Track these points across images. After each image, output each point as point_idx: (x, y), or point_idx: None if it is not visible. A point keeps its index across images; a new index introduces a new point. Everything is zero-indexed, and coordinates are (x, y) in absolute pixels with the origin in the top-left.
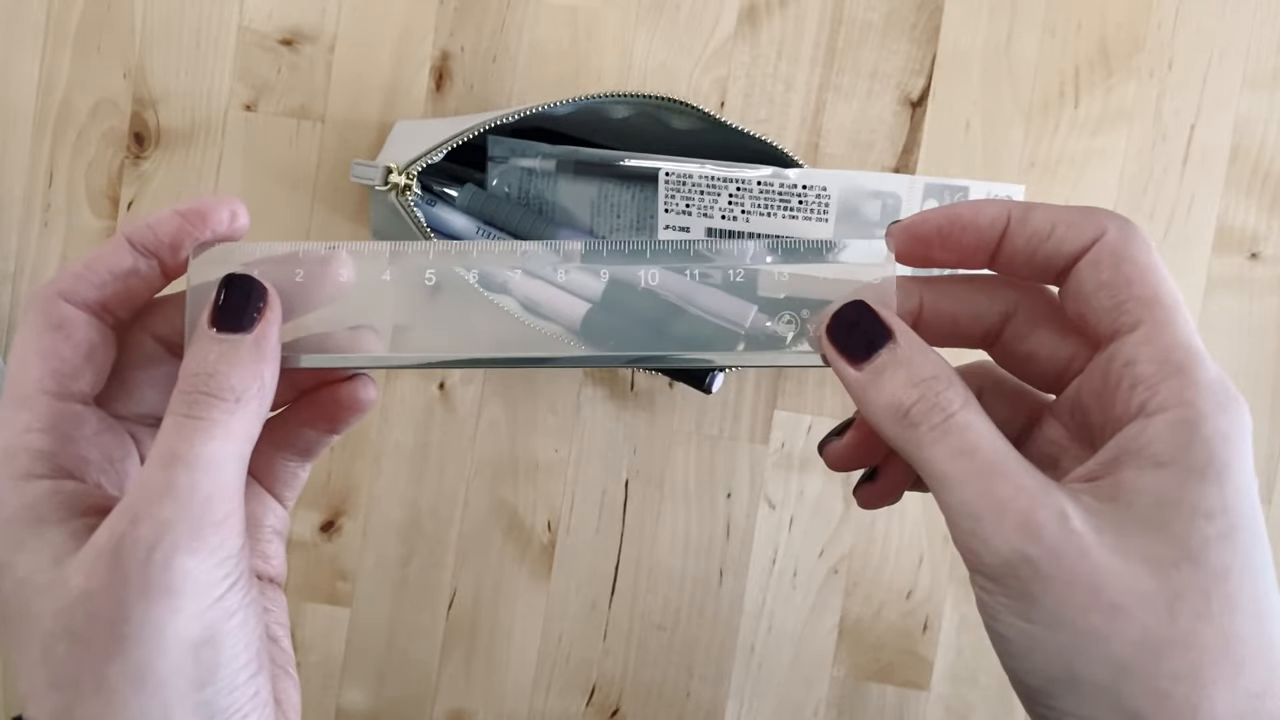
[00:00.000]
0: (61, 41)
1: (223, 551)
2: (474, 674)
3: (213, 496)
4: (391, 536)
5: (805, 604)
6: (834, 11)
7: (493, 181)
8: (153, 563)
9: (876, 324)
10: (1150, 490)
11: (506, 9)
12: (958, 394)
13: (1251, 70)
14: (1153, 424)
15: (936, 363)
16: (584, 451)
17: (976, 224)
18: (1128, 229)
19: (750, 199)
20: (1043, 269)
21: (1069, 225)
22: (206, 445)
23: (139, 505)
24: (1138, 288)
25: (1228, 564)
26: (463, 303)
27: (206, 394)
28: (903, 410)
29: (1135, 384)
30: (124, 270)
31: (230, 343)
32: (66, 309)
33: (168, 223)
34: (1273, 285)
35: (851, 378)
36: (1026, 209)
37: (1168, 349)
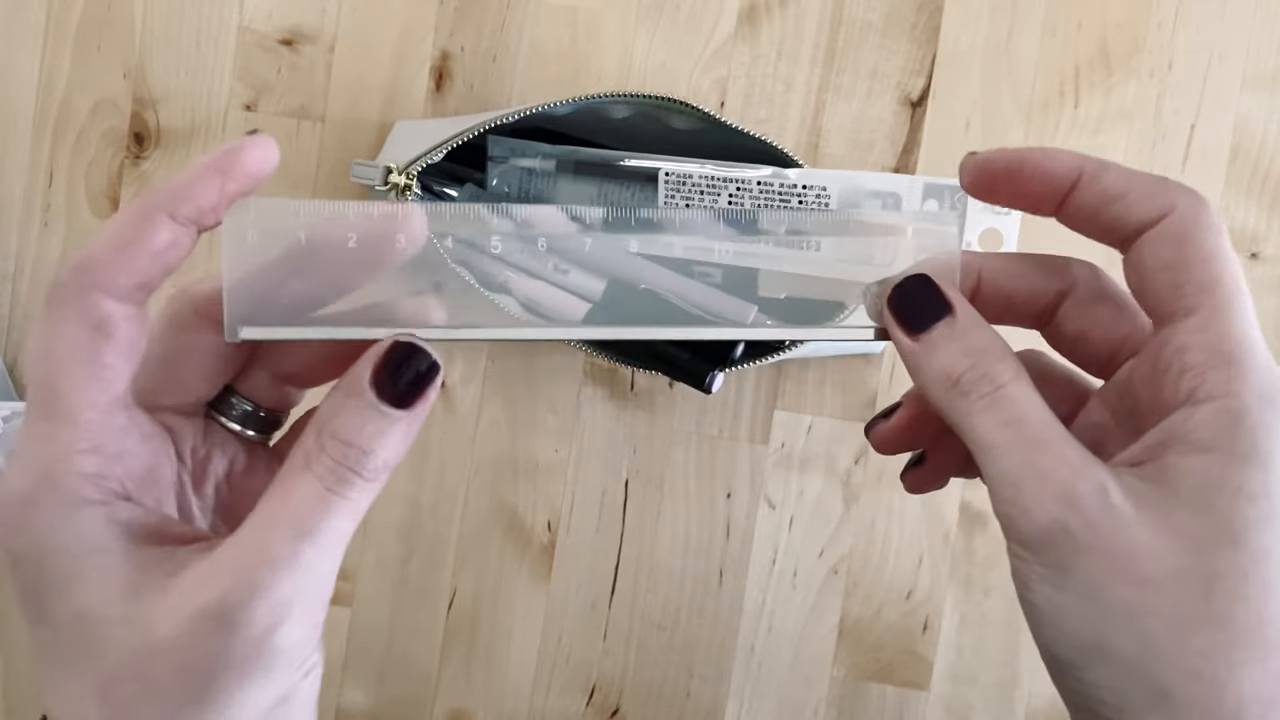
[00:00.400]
0: (61, 41)
1: (318, 621)
2: (474, 674)
3: (330, 574)
4: (391, 536)
5: (805, 604)
6: (834, 11)
7: (493, 181)
8: (268, 640)
9: (937, 297)
10: (1195, 472)
11: (506, 9)
12: (1009, 367)
13: (1251, 70)
14: (1199, 411)
15: (991, 337)
16: (584, 451)
17: (1048, 170)
18: (1199, 208)
19: (750, 199)
20: (1106, 231)
21: (1141, 193)
22: (341, 525)
23: (258, 574)
24: (1198, 270)
25: (1269, 547)
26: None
27: (355, 472)
28: (954, 378)
29: (1185, 370)
30: (162, 247)
31: (390, 419)
32: (105, 304)
33: (206, 186)
34: (1273, 285)
35: (908, 347)
36: (1101, 166)
37: (1220, 338)
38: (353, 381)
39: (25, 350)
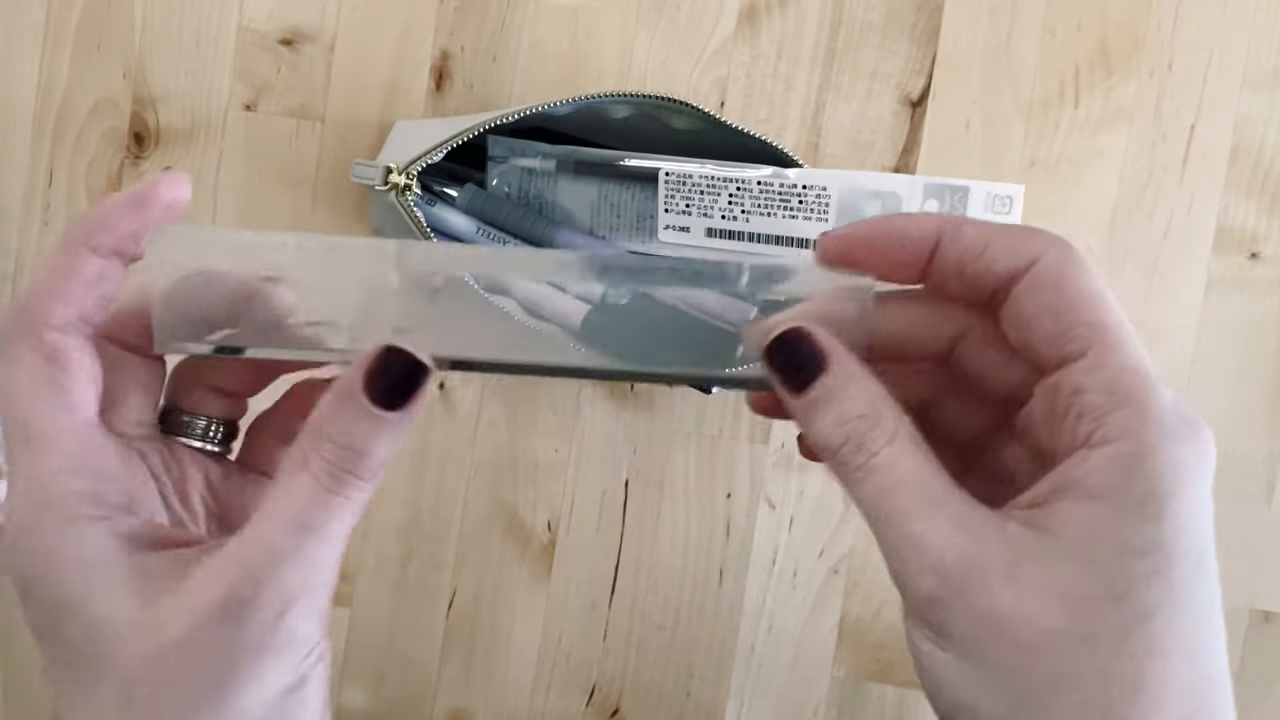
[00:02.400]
0: (61, 41)
1: (325, 609)
2: (474, 674)
3: (331, 567)
4: (391, 536)
5: (805, 604)
6: (834, 12)
7: (493, 181)
8: (276, 630)
9: (812, 351)
10: (1081, 523)
11: (506, 9)
12: (884, 430)
13: (1251, 70)
14: (1094, 456)
15: (867, 396)
16: (584, 451)
17: (906, 237)
18: (1067, 252)
19: (750, 199)
20: (974, 287)
21: (1003, 245)
22: (342, 521)
23: (263, 568)
24: (1084, 313)
25: (1156, 602)
26: (463, 305)
27: (352, 473)
28: (832, 450)
29: (1082, 414)
30: (93, 278)
31: (383, 422)
32: (53, 336)
33: (122, 216)
34: (1273, 285)
35: (791, 405)
36: (959, 224)
37: (1116, 376)
38: (346, 385)
39: None
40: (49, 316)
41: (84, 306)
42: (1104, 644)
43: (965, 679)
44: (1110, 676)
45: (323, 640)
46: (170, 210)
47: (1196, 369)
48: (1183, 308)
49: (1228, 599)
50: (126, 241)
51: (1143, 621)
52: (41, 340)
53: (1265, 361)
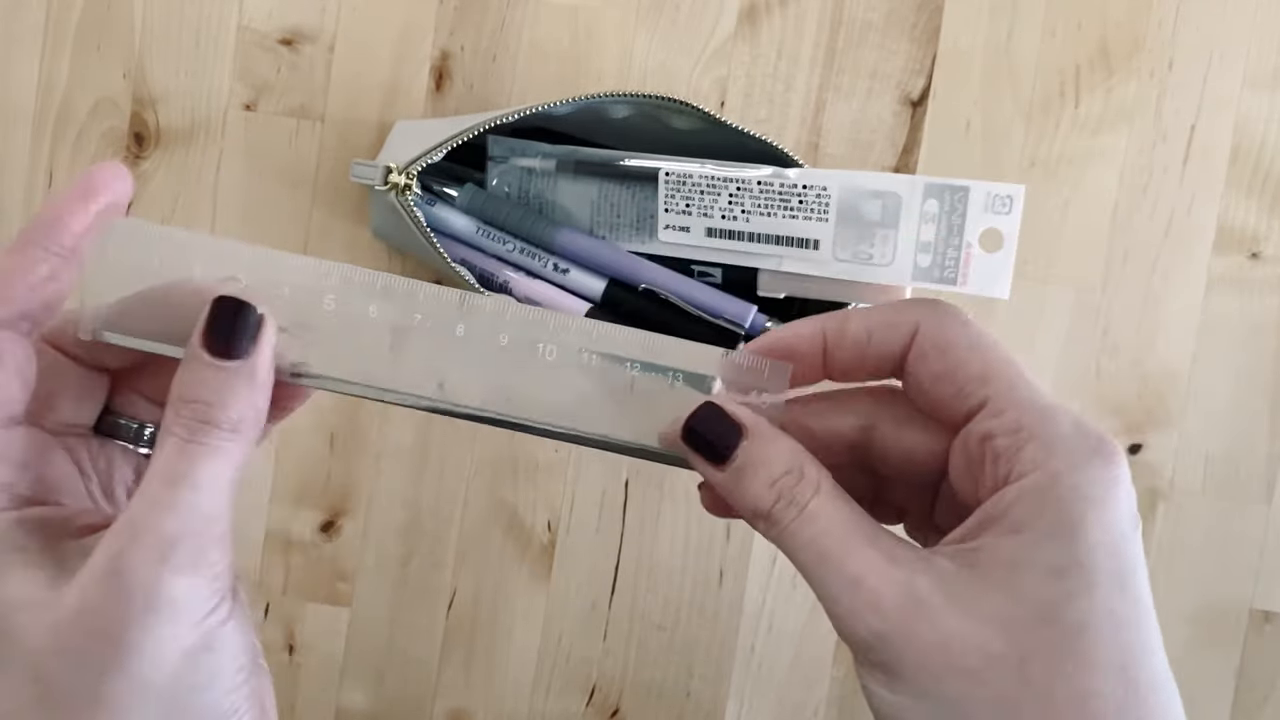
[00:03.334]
0: (61, 41)
1: (220, 565)
2: (474, 674)
3: (213, 516)
4: (391, 536)
5: (805, 604)
6: (834, 11)
7: (493, 181)
8: (158, 579)
9: (728, 423)
10: (1005, 554)
11: (506, 9)
12: (809, 484)
13: (1251, 70)
14: (1009, 492)
15: (789, 453)
16: (584, 451)
17: (795, 348)
18: (938, 313)
19: (750, 199)
20: (875, 371)
21: (883, 327)
22: (210, 468)
23: (140, 521)
24: (971, 367)
25: (1084, 620)
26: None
27: (207, 422)
28: (765, 512)
29: (996, 456)
30: (42, 278)
31: (227, 371)
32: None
33: (74, 211)
34: (1273, 285)
35: (716, 480)
36: (841, 322)
37: (1019, 415)
38: (191, 345)
39: None
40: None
41: (27, 305)
42: (1040, 664)
43: (921, 714)
44: (1052, 696)
45: (225, 602)
46: (117, 203)
47: (1196, 369)
48: (1183, 308)
49: (1228, 599)
50: (78, 239)
51: (1073, 639)
52: None
53: (1265, 361)
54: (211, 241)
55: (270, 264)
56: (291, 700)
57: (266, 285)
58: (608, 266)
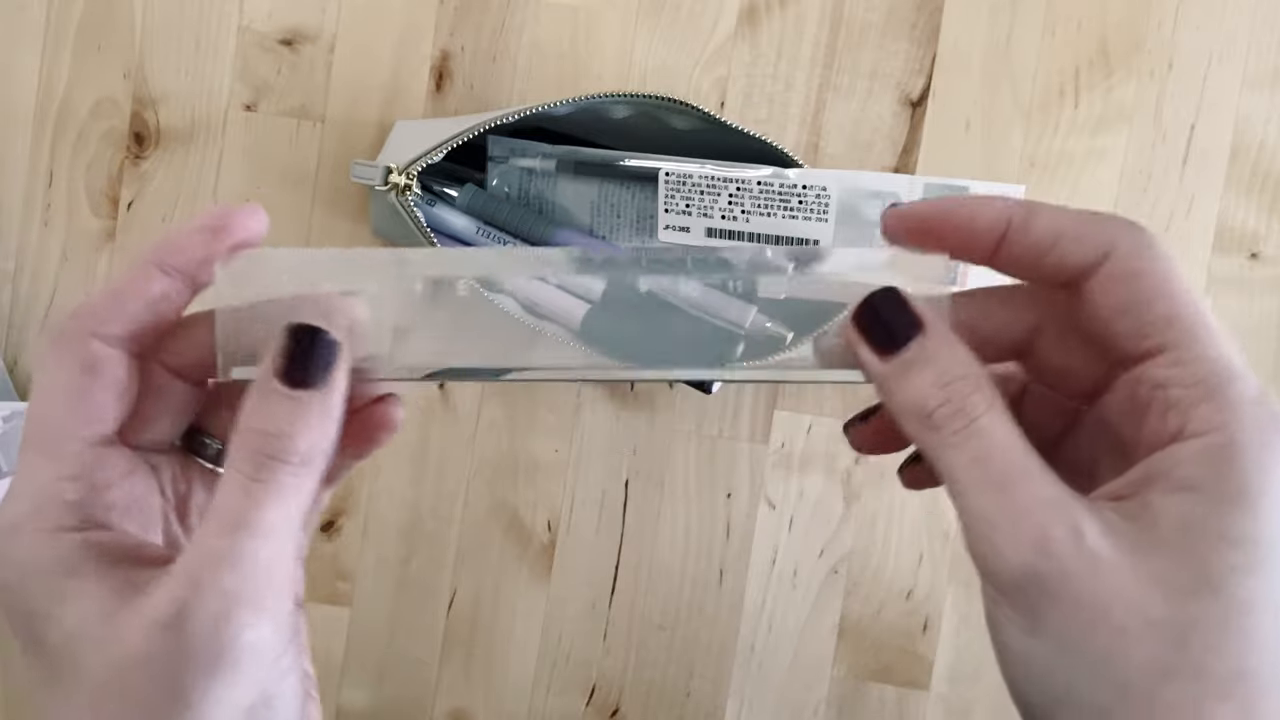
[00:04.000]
0: (61, 41)
1: (282, 616)
2: (474, 674)
3: (275, 563)
4: (391, 536)
5: (805, 604)
6: (834, 11)
7: (493, 181)
8: (219, 636)
9: (907, 313)
10: (1176, 514)
11: (506, 9)
12: (984, 397)
13: (1251, 70)
14: (1185, 449)
15: (965, 360)
16: (584, 451)
17: (972, 226)
18: (1140, 241)
19: (750, 199)
20: (1048, 278)
21: (1074, 238)
22: (273, 511)
23: (202, 573)
24: (1159, 306)
25: (1251, 596)
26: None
27: (274, 457)
28: (927, 412)
29: (1168, 408)
30: (154, 297)
31: (300, 401)
32: (98, 348)
33: (196, 240)
34: (1273, 285)
35: (877, 370)
36: (1029, 214)
37: (1200, 370)
38: (260, 377)
39: (25, 355)
40: (98, 327)
41: (138, 324)
42: (1203, 635)
43: (1060, 667)
44: (1209, 669)
45: (289, 654)
46: (246, 243)
47: None
48: None
49: None
50: (196, 266)
51: (1240, 614)
52: (84, 349)
53: (1265, 361)
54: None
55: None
56: None
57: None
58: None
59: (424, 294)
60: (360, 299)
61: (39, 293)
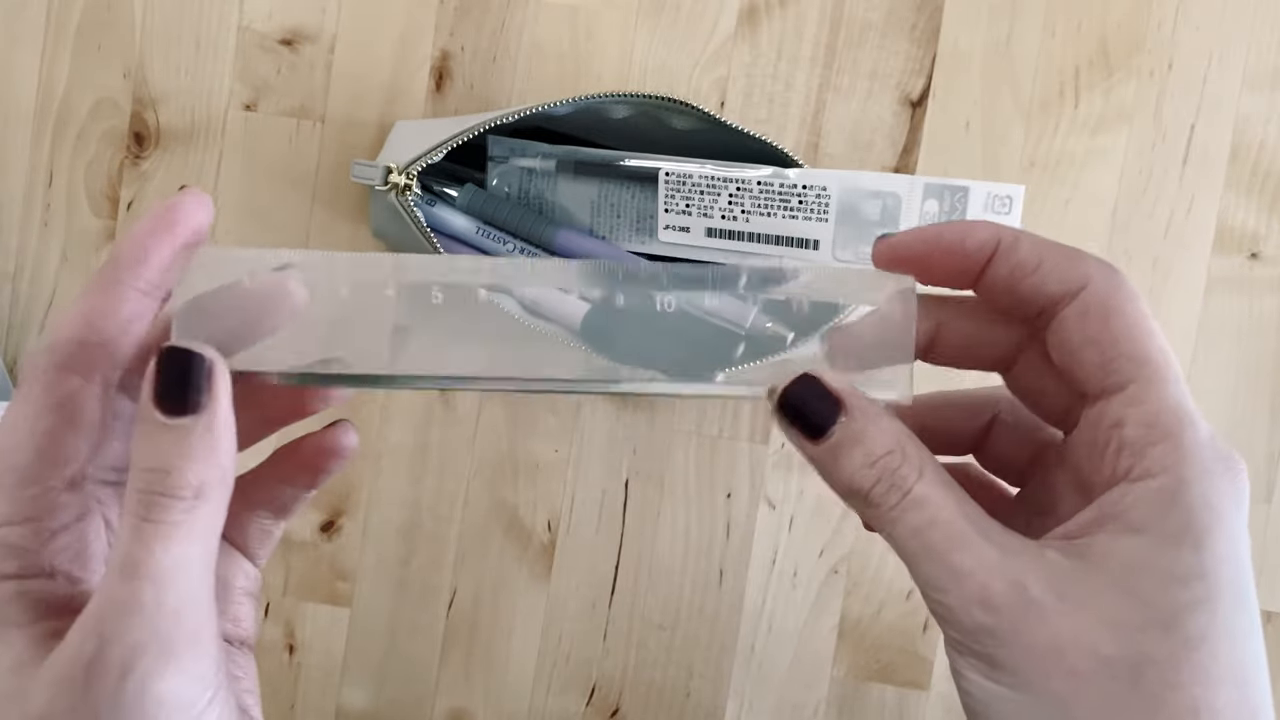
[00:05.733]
0: (61, 41)
1: (200, 666)
2: (474, 674)
3: (181, 609)
4: (391, 536)
5: (805, 604)
6: (834, 11)
7: (493, 181)
8: (124, 691)
9: (827, 398)
10: (1125, 554)
11: (506, 9)
12: (913, 466)
13: (1251, 70)
14: (1134, 490)
15: (890, 432)
16: (584, 451)
17: (963, 248)
18: (1114, 279)
19: (750, 199)
20: (1023, 303)
21: (1054, 265)
22: (168, 553)
23: (106, 625)
24: (1126, 345)
25: (1203, 630)
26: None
27: (162, 494)
28: (863, 492)
29: (1122, 447)
30: (127, 318)
31: (180, 429)
32: (72, 383)
33: (158, 246)
34: (1273, 285)
35: (810, 455)
36: (1016, 238)
37: (1156, 412)
38: (141, 407)
39: (25, 355)
40: (74, 360)
41: (117, 351)
42: (1155, 672)
43: (1018, 711)
44: (1165, 705)
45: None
46: (199, 230)
47: (1196, 369)
48: (1183, 308)
49: None
50: (165, 275)
51: (1191, 650)
52: (59, 387)
53: (1265, 361)
54: (304, 254)
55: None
56: (291, 700)
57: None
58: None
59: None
60: (298, 280)
61: (39, 293)
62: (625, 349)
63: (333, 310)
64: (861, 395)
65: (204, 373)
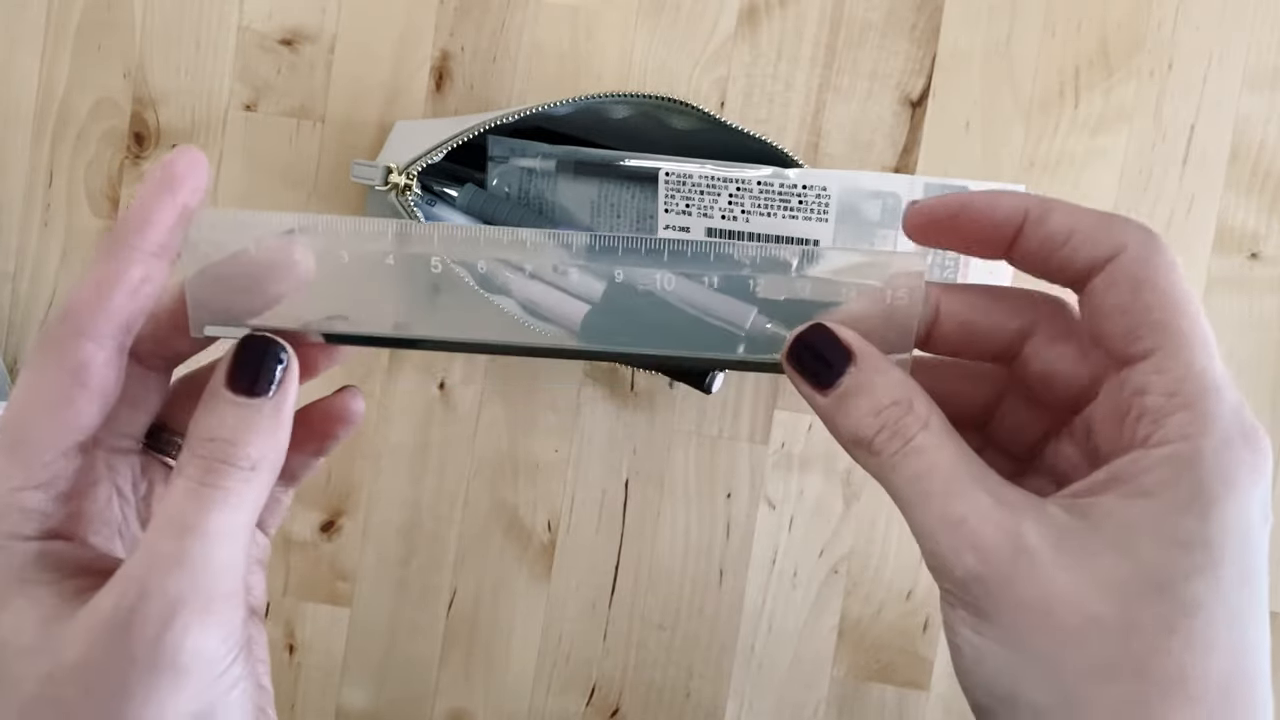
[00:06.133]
0: (61, 41)
1: (230, 624)
2: (474, 674)
3: (225, 569)
4: (391, 536)
5: (805, 604)
6: (834, 11)
7: (493, 181)
8: (163, 641)
9: (836, 347)
10: (1126, 516)
11: (506, 9)
12: (918, 417)
13: (1251, 70)
14: (1150, 455)
15: (898, 384)
16: (584, 451)
17: (991, 217)
18: (1150, 245)
19: (750, 199)
20: (1057, 273)
21: (1087, 235)
22: (222, 516)
23: (149, 577)
24: (1155, 313)
25: (1199, 598)
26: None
27: (224, 462)
28: (866, 440)
29: (1143, 414)
30: (137, 282)
31: (249, 408)
32: (86, 349)
33: (162, 207)
34: (1273, 285)
35: (818, 404)
36: (1046, 209)
37: (1179, 380)
38: (212, 385)
39: (25, 355)
40: (87, 327)
41: (127, 315)
42: (1146, 635)
43: (1005, 666)
44: (1151, 669)
45: (238, 665)
46: (197, 190)
47: None
48: None
49: None
50: (170, 236)
51: (1186, 615)
52: (73, 354)
53: (1265, 361)
54: (303, 217)
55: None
56: (291, 700)
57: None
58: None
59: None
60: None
61: (39, 293)
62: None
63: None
64: (871, 347)
65: (281, 361)
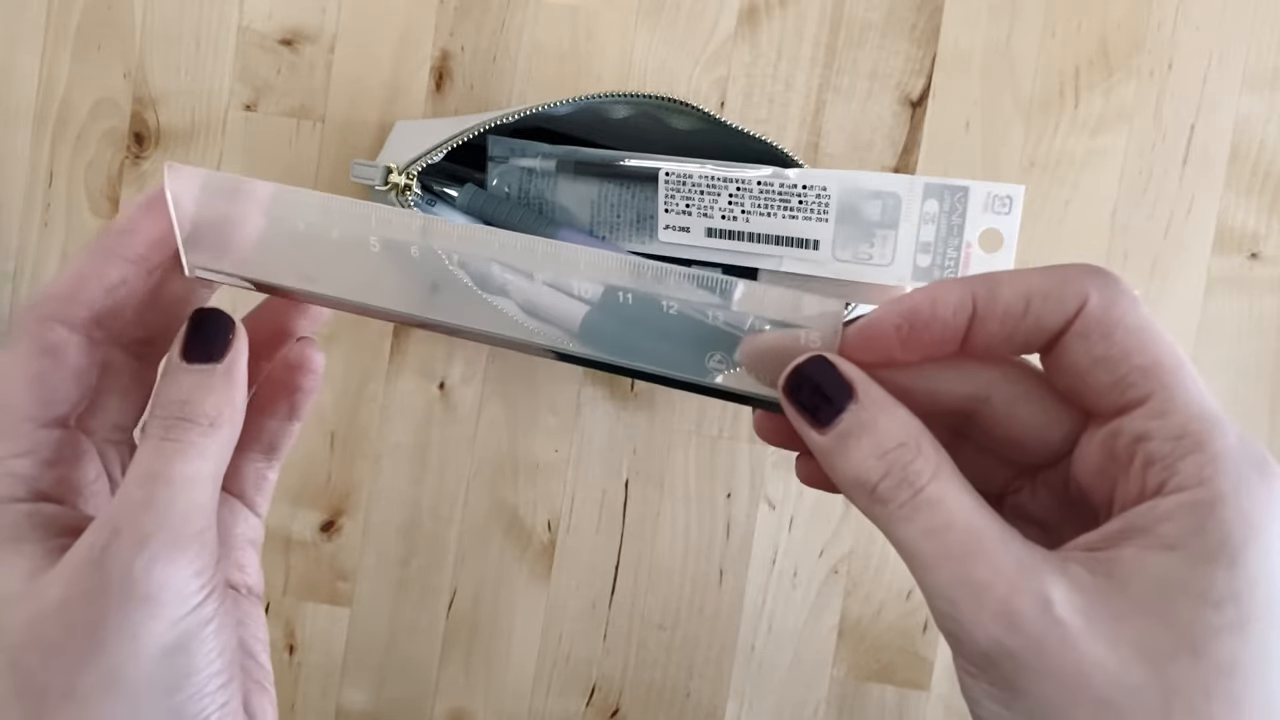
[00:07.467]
0: (61, 41)
1: (199, 562)
2: (474, 674)
3: (190, 511)
4: (391, 536)
5: (805, 604)
6: (834, 11)
7: (493, 181)
8: (133, 570)
9: (837, 380)
10: (1152, 572)
11: (506, 9)
12: (928, 462)
13: (1251, 70)
14: (1166, 504)
15: (904, 423)
16: (584, 451)
17: (938, 317)
18: (1111, 289)
19: (750, 199)
20: (1025, 346)
21: (1045, 297)
22: (185, 465)
23: (120, 518)
24: (1137, 357)
25: (1235, 657)
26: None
27: (182, 419)
28: (870, 486)
29: (1150, 461)
30: (113, 283)
31: (204, 373)
32: (58, 332)
33: (149, 222)
34: (1273, 285)
35: (816, 443)
36: (992, 286)
37: (1183, 422)
38: (169, 359)
39: None
40: (60, 313)
41: (98, 309)
42: (1184, 701)
43: None
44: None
45: (210, 603)
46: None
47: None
48: (1183, 308)
49: None
50: (149, 248)
51: (1222, 678)
52: (45, 334)
53: (1265, 361)
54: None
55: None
56: (291, 700)
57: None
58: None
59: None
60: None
61: (39, 293)
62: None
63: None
64: (874, 383)
65: (229, 330)
